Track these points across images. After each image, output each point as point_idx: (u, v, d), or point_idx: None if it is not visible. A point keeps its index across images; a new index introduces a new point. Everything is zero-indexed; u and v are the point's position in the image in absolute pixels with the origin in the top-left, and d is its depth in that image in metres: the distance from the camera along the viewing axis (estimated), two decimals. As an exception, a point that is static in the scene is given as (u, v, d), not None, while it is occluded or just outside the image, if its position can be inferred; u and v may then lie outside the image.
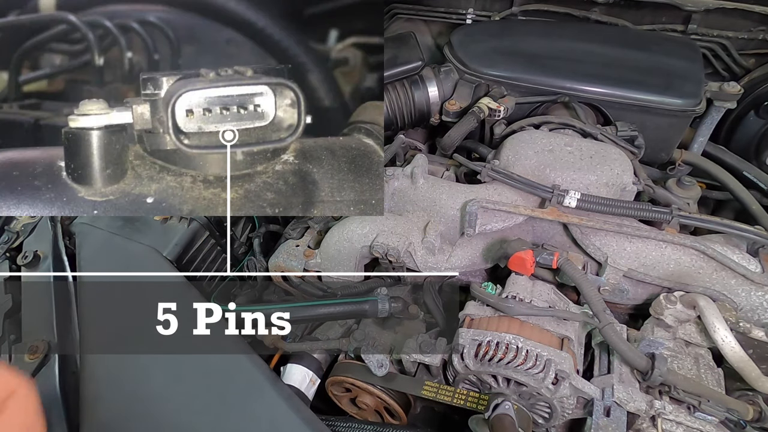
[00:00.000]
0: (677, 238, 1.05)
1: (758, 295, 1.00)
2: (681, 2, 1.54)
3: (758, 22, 1.53)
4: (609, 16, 1.66)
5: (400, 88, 1.45)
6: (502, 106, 1.34)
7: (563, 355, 0.91)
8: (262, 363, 0.85)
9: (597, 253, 1.10)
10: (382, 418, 1.15)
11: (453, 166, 1.37)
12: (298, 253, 1.24)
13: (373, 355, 1.03)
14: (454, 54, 1.49)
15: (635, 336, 1.01)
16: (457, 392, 0.97)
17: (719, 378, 0.95)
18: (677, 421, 0.87)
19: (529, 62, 1.42)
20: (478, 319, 1.01)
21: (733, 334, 0.91)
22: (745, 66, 1.59)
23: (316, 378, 1.14)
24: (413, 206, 1.21)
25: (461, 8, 1.83)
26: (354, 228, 1.17)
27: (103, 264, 1.09)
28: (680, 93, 1.30)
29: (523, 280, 1.06)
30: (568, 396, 0.91)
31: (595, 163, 1.14)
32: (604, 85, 1.34)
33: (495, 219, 1.13)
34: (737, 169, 1.42)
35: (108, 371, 0.86)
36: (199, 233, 1.18)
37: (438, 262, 1.15)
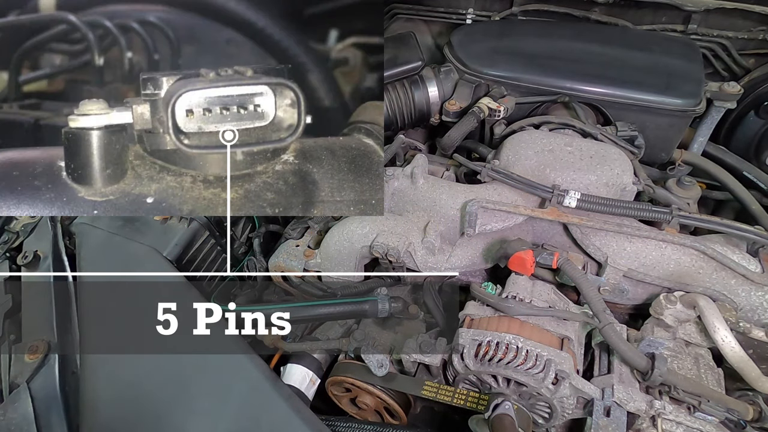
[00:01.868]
0: (677, 238, 1.05)
1: (758, 295, 1.00)
2: (681, 2, 1.54)
3: (758, 22, 1.53)
4: (609, 16, 1.66)
5: (400, 88, 1.45)
6: (502, 106, 1.34)
7: (563, 355, 0.91)
8: (262, 363, 0.85)
9: (597, 253, 1.10)
10: (382, 418, 1.15)
11: (453, 166, 1.37)
12: (298, 253, 1.24)
13: (373, 355, 1.03)
14: (454, 54, 1.49)
15: (635, 336, 1.01)
16: (457, 392, 0.97)
17: (719, 378, 0.95)
18: (677, 421, 0.87)
19: (529, 62, 1.42)
20: (478, 319, 1.01)
21: (733, 334, 0.91)
22: (745, 66, 1.59)
23: (316, 378, 1.14)
24: (413, 206, 1.21)
25: (461, 8, 1.83)
26: (354, 228, 1.17)
27: (103, 264, 1.09)
28: (680, 93, 1.30)
29: (523, 280, 1.06)
30: (568, 396, 0.91)
31: (595, 163, 1.14)
32: (604, 85, 1.34)
33: (495, 219, 1.13)
34: (737, 169, 1.42)
35: (108, 371, 0.86)
36: (199, 233, 1.18)
37: (438, 262, 1.15)
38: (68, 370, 0.91)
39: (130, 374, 0.85)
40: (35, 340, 0.94)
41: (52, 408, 0.84)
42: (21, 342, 0.96)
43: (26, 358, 0.91)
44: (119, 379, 0.84)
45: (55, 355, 0.92)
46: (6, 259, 1.16)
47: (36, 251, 1.13)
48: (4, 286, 1.08)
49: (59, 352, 0.93)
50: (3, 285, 1.08)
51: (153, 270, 1.04)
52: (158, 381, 0.84)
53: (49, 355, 0.92)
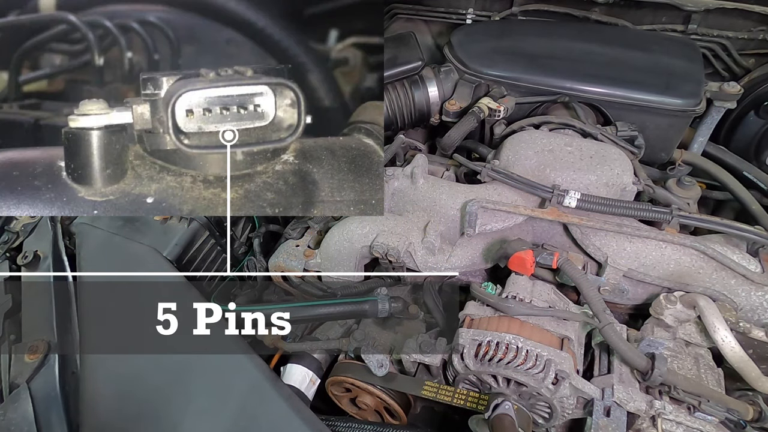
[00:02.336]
0: (677, 238, 1.05)
1: (758, 295, 1.00)
2: (681, 2, 1.54)
3: (758, 22, 1.53)
4: (609, 16, 1.66)
5: (400, 88, 1.45)
6: (502, 106, 1.34)
7: (563, 355, 0.91)
8: (262, 363, 0.85)
9: (597, 253, 1.10)
10: (382, 418, 1.15)
11: (453, 166, 1.37)
12: (298, 253, 1.24)
13: (373, 355, 1.03)
14: (454, 54, 1.49)
15: (635, 336, 1.01)
16: (457, 392, 0.97)
17: (719, 378, 0.95)
18: (677, 421, 0.87)
19: (529, 62, 1.42)
20: (478, 319, 1.01)
21: (733, 334, 0.91)
22: (745, 66, 1.59)
23: (316, 378, 1.14)
24: (413, 206, 1.21)
25: (461, 8, 1.83)
26: (354, 228, 1.17)
27: (103, 264, 1.08)
28: (680, 93, 1.30)
29: (523, 280, 1.06)
30: (568, 396, 0.91)
31: (595, 163, 1.14)
32: (604, 85, 1.34)
33: (495, 219, 1.13)
34: (737, 169, 1.42)
35: (108, 371, 0.86)
36: (199, 233, 1.18)
37: (438, 262, 1.15)
38: (68, 370, 0.91)
39: (130, 374, 0.85)
40: (35, 340, 0.94)
41: (52, 408, 0.84)
42: (21, 342, 0.96)
43: (26, 358, 0.91)
44: (119, 379, 0.84)
45: (55, 355, 0.92)
46: (6, 259, 1.16)
47: (36, 251, 1.13)
48: (4, 286, 1.08)
49: (59, 352, 0.93)
50: (3, 285, 1.08)
51: (153, 270, 1.04)
52: (158, 381, 0.84)
53: (49, 355, 0.92)
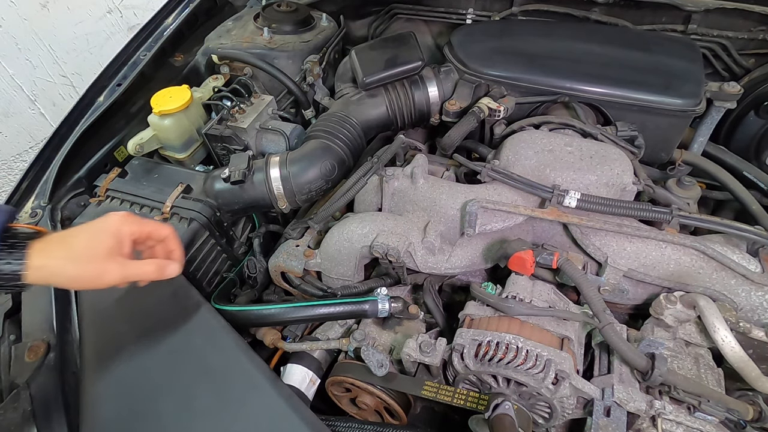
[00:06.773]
0: (677, 238, 1.05)
1: (758, 295, 1.00)
2: (681, 2, 1.54)
3: (758, 22, 1.53)
4: (609, 16, 1.66)
5: (400, 88, 1.45)
6: (502, 106, 1.34)
7: (563, 355, 0.91)
8: (262, 363, 0.85)
9: (597, 253, 1.10)
10: (382, 418, 1.15)
11: (453, 166, 1.36)
12: (298, 253, 1.24)
13: (373, 355, 1.03)
14: (454, 54, 1.49)
15: (635, 336, 1.01)
16: (457, 392, 0.97)
17: (719, 378, 0.95)
18: (677, 421, 0.87)
19: (529, 62, 1.42)
20: (478, 319, 1.01)
21: (733, 334, 0.91)
22: (745, 66, 1.58)
23: (316, 378, 1.14)
24: (413, 206, 1.21)
25: (461, 8, 1.83)
26: (354, 228, 1.17)
27: (103, 264, 1.08)
28: (680, 93, 1.30)
29: (523, 280, 1.06)
30: (568, 396, 0.91)
31: (595, 163, 1.14)
32: (604, 85, 1.34)
33: (495, 219, 1.13)
34: (737, 169, 1.42)
35: (108, 371, 0.86)
36: (199, 233, 1.18)
37: (438, 262, 1.15)
38: (68, 370, 0.91)
39: (130, 374, 0.85)
40: (35, 340, 0.94)
41: (52, 408, 0.84)
42: (21, 342, 0.96)
43: (26, 358, 0.91)
44: (119, 379, 0.84)
45: (56, 355, 0.92)
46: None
47: (36, 251, 1.13)
48: (4, 286, 1.07)
49: (59, 352, 0.93)
50: (3, 285, 1.08)
51: (153, 270, 1.04)
52: (158, 381, 0.84)
53: (49, 355, 0.92)
